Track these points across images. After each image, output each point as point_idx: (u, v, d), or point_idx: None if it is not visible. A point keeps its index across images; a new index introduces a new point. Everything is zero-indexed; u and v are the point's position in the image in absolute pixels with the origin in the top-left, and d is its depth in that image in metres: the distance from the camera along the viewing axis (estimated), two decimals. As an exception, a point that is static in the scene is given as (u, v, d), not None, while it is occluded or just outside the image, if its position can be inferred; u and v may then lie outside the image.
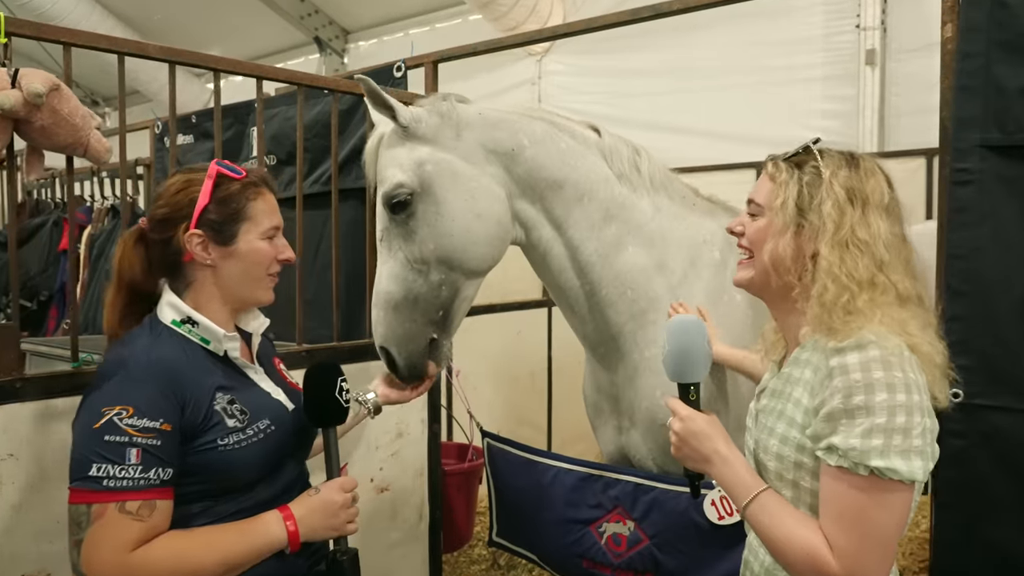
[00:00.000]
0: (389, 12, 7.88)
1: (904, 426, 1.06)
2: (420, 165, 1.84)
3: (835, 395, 1.10)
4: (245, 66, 2.05)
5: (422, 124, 1.86)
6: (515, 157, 1.93)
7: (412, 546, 2.57)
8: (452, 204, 1.85)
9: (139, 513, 1.20)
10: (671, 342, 1.30)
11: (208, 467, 1.29)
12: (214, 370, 1.37)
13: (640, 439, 2.07)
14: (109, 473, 1.19)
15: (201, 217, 1.37)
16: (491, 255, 1.93)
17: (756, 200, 1.30)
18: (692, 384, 1.30)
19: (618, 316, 2.04)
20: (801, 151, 1.27)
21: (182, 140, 3.52)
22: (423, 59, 2.62)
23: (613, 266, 2.00)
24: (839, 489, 1.09)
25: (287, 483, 1.44)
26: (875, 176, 1.23)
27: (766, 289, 1.29)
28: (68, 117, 1.67)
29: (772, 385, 1.31)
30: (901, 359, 1.10)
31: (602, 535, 2.06)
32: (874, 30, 4.98)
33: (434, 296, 1.86)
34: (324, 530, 1.38)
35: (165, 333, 1.36)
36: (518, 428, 4.17)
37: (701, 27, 5.58)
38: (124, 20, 8.58)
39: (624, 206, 2.01)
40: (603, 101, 6.38)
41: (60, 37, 1.71)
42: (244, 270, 1.41)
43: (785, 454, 1.20)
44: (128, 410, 1.21)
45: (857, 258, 1.16)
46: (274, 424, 1.40)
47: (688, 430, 1.25)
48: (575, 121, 2.07)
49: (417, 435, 2.54)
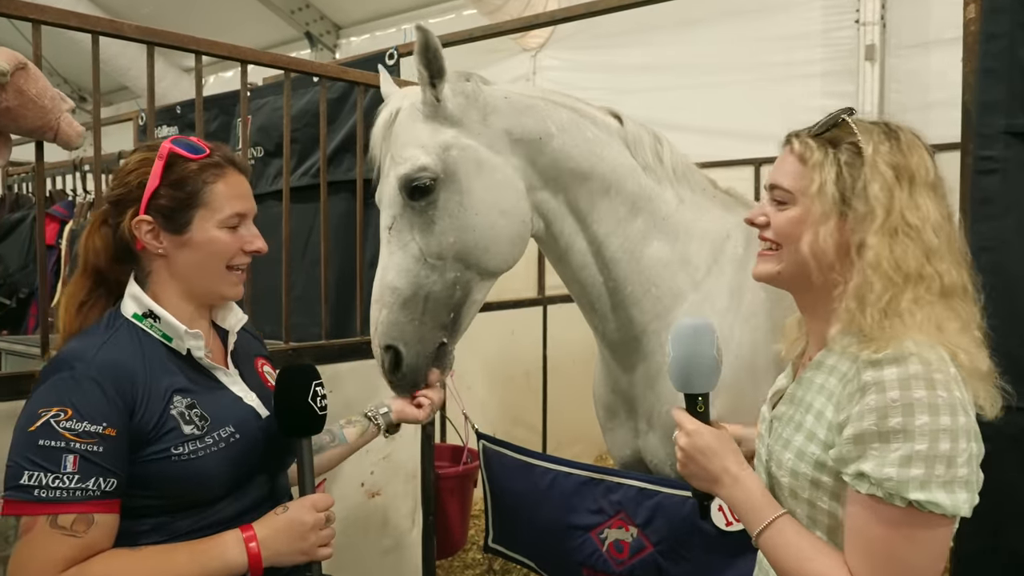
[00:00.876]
0: (381, 7, 7.78)
1: (948, 453, 0.93)
2: (446, 149, 1.68)
3: (867, 414, 0.96)
4: (226, 47, 1.94)
5: (448, 103, 1.71)
6: (541, 147, 1.79)
7: (404, 553, 2.47)
8: (477, 196, 1.70)
9: (73, 528, 1.07)
10: (676, 348, 1.19)
11: (160, 479, 1.16)
12: (174, 371, 1.23)
13: (659, 443, 1.97)
14: (41, 482, 1.06)
15: (151, 202, 1.22)
16: (512, 255, 1.79)
17: (782, 185, 1.13)
18: (700, 395, 1.18)
19: (643, 315, 1.91)
20: (833, 125, 1.11)
21: (167, 131, 3.41)
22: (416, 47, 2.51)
23: (639, 262, 1.88)
24: (869, 521, 0.97)
25: (255, 500, 1.29)
26: (918, 149, 1.07)
27: (802, 285, 1.14)
28: (36, 98, 1.55)
29: (790, 391, 1.19)
30: (946, 376, 0.97)
31: (603, 542, 1.97)
32: (874, 25, 4.92)
33: (447, 296, 1.71)
34: (291, 554, 1.22)
35: (124, 328, 1.22)
36: (512, 428, 4.09)
37: (699, 22, 5.52)
38: (112, 14, 8.43)
39: (651, 198, 1.89)
40: (599, 97, 6.19)
41: (28, 14, 1.60)
42: (200, 262, 1.26)
43: (801, 471, 1.07)
44: (66, 412, 1.09)
45: (907, 247, 1.02)
46: (239, 432, 1.25)
47: (695, 446, 1.13)
48: (595, 107, 1.94)
49: (409, 437, 2.45)
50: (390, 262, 1.70)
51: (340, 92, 2.62)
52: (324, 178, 2.36)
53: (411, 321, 1.68)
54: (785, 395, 1.20)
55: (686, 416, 1.18)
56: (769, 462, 1.16)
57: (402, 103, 1.75)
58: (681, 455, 1.16)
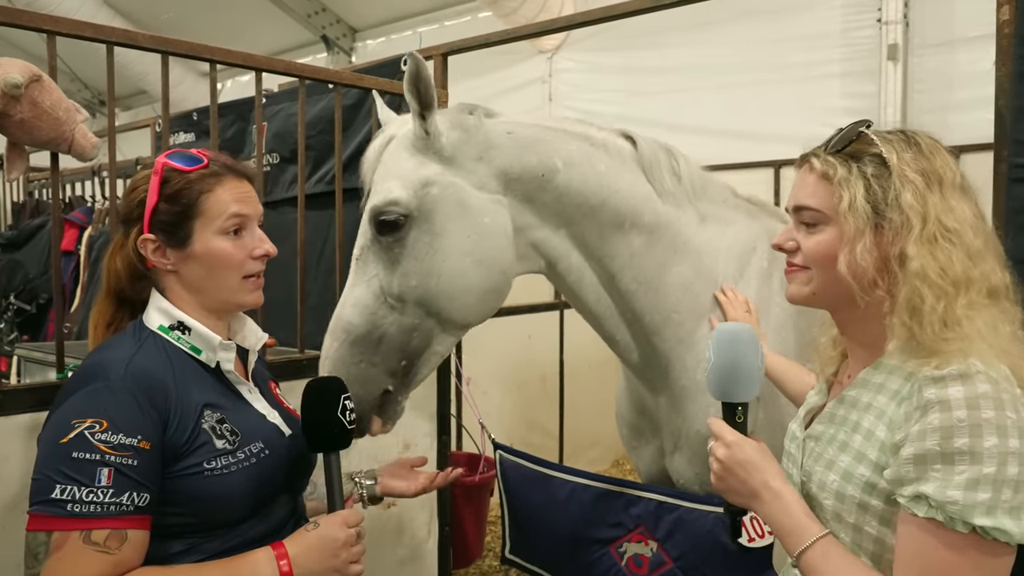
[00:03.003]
0: (397, 10, 7.78)
1: (1017, 478, 0.89)
2: (425, 185, 1.59)
3: (930, 434, 0.92)
4: (240, 56, 1.93)
5: (442, 137, 1.61)
6: (544, 184, 1.69)
7: (420, 563, 2.45)
8: (451, 240, 1.59)
9: (106, 544, 1.04)
10: (718, 355, 1.13)
11: (192, 495, 1.14)
12: (203, 384, 1.21)
13: (686, 464, 1.92)
14: (74, 496, 1.03)
15: (153, 218, 1.21)
16: (480, 310, 1.67)
17: (809, 205, 1.09)
18: (740, 404, 1.13)
19: (664, 343, 1.84)
20: (852, 139, 1.08)
21: (184, 138, 3.42)
22: (432, 51, 2.50)
23: (658, 291, 1.80)
24: (927, 546, 0.92)
25: (280, 520, 1.28)
26: (940, 153, 1.05)
27: (841, 305, 1.10)
28: (50, 110, 1.55)
29: (829, 409, 1.14)
30: (1013, 396, 0.93)
31: (623, 556, 1.93)
32: (896, 24, 4.83)
33: (403, 341, 1.61)
34: (323, 572, 1.19)
35: (150, 340, 1.20)
36: (528, 434, 4.07)
37: (716, 23, 5.46)
38: (132, 20, 8.51)
39: (669, 224, 1.81)
40: (615, 100, 6.26)
41: (42, 25, 1.59)
42: (208, 274, 1.24)
43: (848, 493, 1.03)
44: (101, 424, 1.06)
45: (950, 252, 0.99)
46: (268, 449, 1.24)
47: (734, 458, 1.08)
48: (608, 130, 1.87)
49: (425, 447, 2.43)
50: (350, 295, 1.63)
51: (355, 99, 2.60)
52: (340, 185, 2.34)
53: (358, 362, 1.59)
54: (823, 414, 1.15)
55: (725, 427, 1.13)
56: (808, 483, 1.11)
57: (398, 131, 1.68)
58: (718, 467, 1.11)
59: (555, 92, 6.72)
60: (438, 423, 2.45)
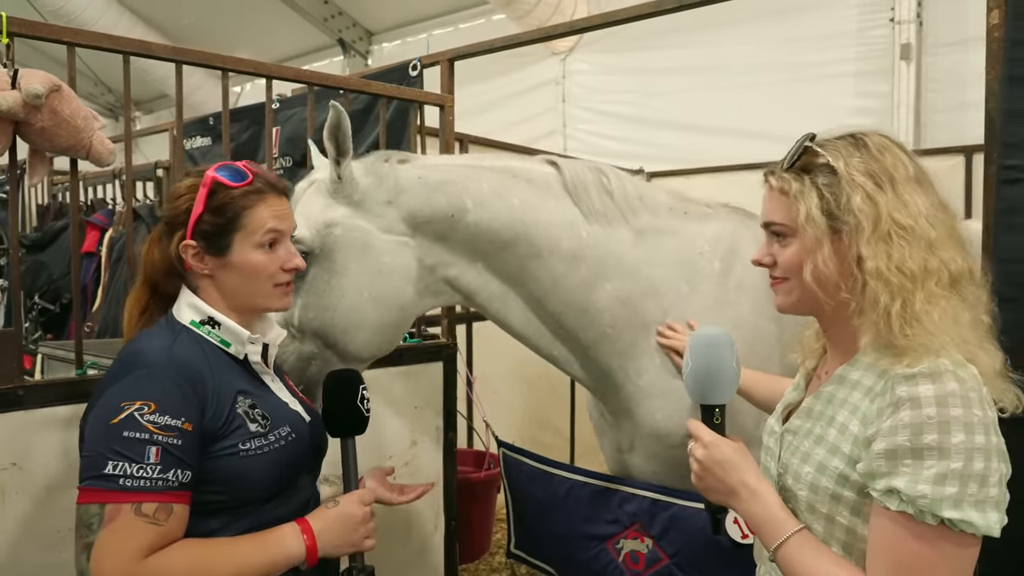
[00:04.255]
0: (412, 13, 7.86)
1: (982, 473, 0.93)
2: (328, 226, 1.69)
3: (901, 430, 0.95)
4: (251, 64, 2.00)
5: (352, 184, 1.72)
6: (455, 224, 1.77)
7: (427, 557, 2.50)
8: (349, 279, 1.68)
9: (156, 516, 1.13)
10: (694, 360, 1.19)
11: (228, 473, 1.22)
12: (234, 373, 1.31)
13: (642, 463, 1.98)
14: (126, 472, 1.12)
15: (196, 227, 1.30)
16: (376, 344, 1.76)
17: (775, 220, 1.14)
18: (717, 406, 1.18)
19: (603, 356, 1.90)
20: (801, 153, 1.12)
21: (200, 142, 3.51)
22: (438, 57, 2.55)
23: (587, 311, 1.85)
24: (898, 537, 0.96)
25: (301, 501, 1.36)
26: (889, 150, 1.08)
27: (819, 310, 1.15)
28: (69, 119, 1.63)
29: (807, 404, 1.17)
30: (980, 395, 0.97)
31: (619, 552, 1.97)
32: (909, 23, 4.81)
33: (301, 368, 1.71)
34: (343, 546, 1.31)
35: (184, 333, 1.29)
36: (540, 433, 4.10)
37: (729, 23, 5.46)
38: (154, 26, 8.69)
39: (595, 246, 1.85)
40: (629, 101, 6.27)
41: (63, 37, 1.67)
42: (242, 281, 1.33)
43: (822, 484, 1.06)
44: (150, 406, 1.14)
45: (904, 248, 1.02)
46: (295, 432, 1.34)
47: (712, 458, 1.13)
48: (533, 161, 1.92)
49: (432, 444, 2.48)
50: None
51: (365, 103, 2.67)
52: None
53: None
54: (800, 408, 1.19)
55: (703, 428, 1.17)
56: (784, 476, 1.15)
57: (320, 175, 1.78)
58: (698, 467, 1.15)
59: (568, 94, 6.75)
60: (444, 420, 2.50)
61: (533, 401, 4.18)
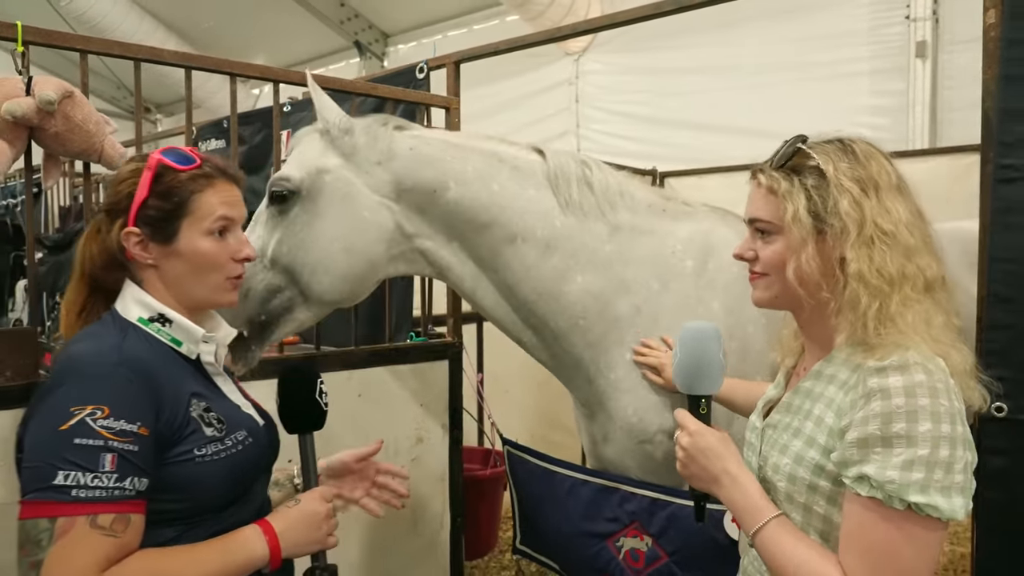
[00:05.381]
0: (427, 15, 7.92)
1: (947, 460, 0.97)
2: (319, 173, 1.78)
3: (872, 419, 1.00)
4: (259, 68, 2.05)
5: (347, 138, 1.81)
6: (435, 199, 1.85)
7: (434, 553, 2.53)
8: (327, 224, 1.77)
9: (113, 528, 1.05)
10: (683, 351, 1.22)
11: (183, 481, 1.15)
12: (186, 374, 1.23)
13: (617, 455, 2.00)
14: (79, 481, 1.03)
15: (140, 212, 1.22)
16: (339, 290, 1.82)
17: (761, 217, 1.18)
18: (703, 396, 1.22)
19: (573, 347, 1.94)
20: (792, 154, 1.16)
21: (215, 144, 3.57)
22: (445, 59, 2.59)
23: (559, 299, 1.89)
24: (868, 522, 1.00)
25: (257, 506, 1.31)
26: (875, 158, 1.13)
27: (797, 307, 1.19)
28: (81, 124, 1.68)
29: (786, 399, 1.21)
30: (947, 386, 1.01)
31: (620, 550, 1.98)
32: (925, 21, 4.77)
33: (263, 299, 1.78)
34: (307, 544, 1.25)
35: (132, 331, 1.20)
36: (551, 432, 4.12)
37: (743, 22, 5.45)
38: (175, 30, 8.83)
39: (569, 237, 1.88)
40: (642, 101, 6.28)
41: (75, 44, 1.72)
42: (190, 272, 1.25)
43: (799, 475, 1.10)
44: (103, 409, 1.06)
45: (885, 253, 1.07)
46: (251, 436, 1.27)
47: (697, 446, 1.16)
48: (520, 147, 1.97)
49: (437, 441, 2.51)
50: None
51: (374, 106, 2.70)
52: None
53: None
54: (780, 404, 1.23)
55: (688, 417, 1.21)
56: (764, 468, 1.19)
57: (322, 126, 1.85)
58: (682, 455, 1.19)
59: (582, 94, 6.77)
60: (450, 418, 2.53)
61: (544, 401, 4.20)
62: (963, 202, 2.22)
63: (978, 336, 1.53)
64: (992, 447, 1.50)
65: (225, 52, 1.94)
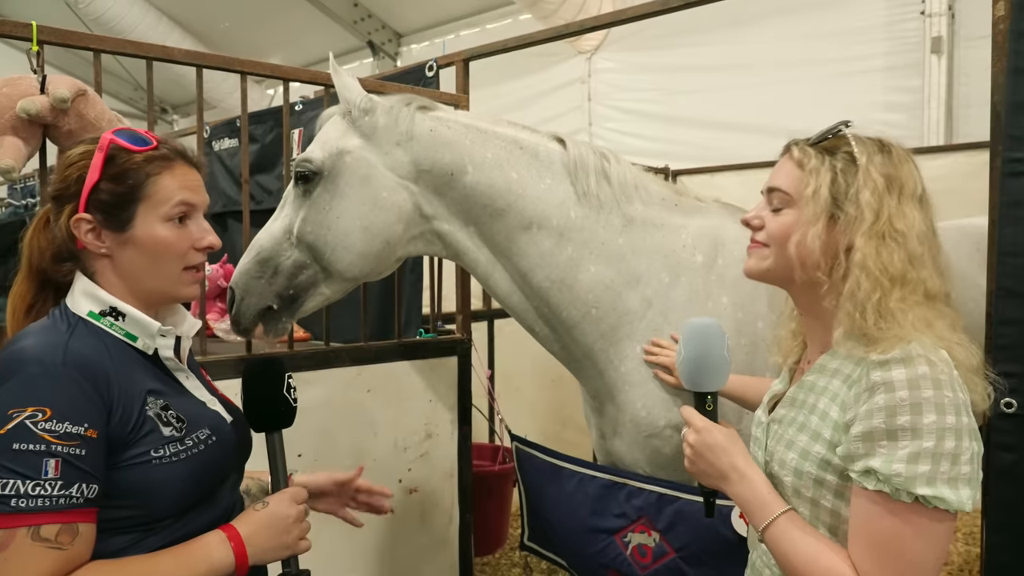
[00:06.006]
0: (440, 14, 7.94)
1: (953, 451, 0.97)
2: (340, 154, 1.83)
3: (876, 413, 1.00)
4: (268, 67, 2.07)
5: (368, 118, 1.85)
6: (452, 182, 1.88)
7: (443, 549, 2.55)
8: (347, 204, 1.82)
9: (58, 540, 0.97)
10: (687, 347, 1.22)
11: (138, 485, 1.06)
12: (142, 371, 1.13)
13: (626, 449, 2.00)
14: (19, 490, 0.95)
15: (91, 197, 1.12)
16: (359, 267, 1.87)
17: (781, 188, 1.18)
18: (709, 393, 1.21)
19: (584, 337, 1.95)
20: (831, 135, 1.17)
21: (228, 144, 3.61)
22: (453, 57, 2.60)
23: (572, 289, 1.91)
24: (875, 516, 1.00)
25: (226, 508, 1.22)
26: (908, 163, 1.14)
27: (788, 282, 1.20)
28: (94, 121, 1.71)
29: (790, 394, 1.21)
30: (951, 377, 1.01)
31: (627, 545, 1.99)
32: (940, 16, 4.72)
33: (291, 274, 1.86)
34: (275, 549, 1.16)
35: (81, 326, 1.11)
36: (562, 431, 4.12)
37: (755, 20, 5.42)
38: (192, 32, 8.91)
39: (583, 228, 1.90)
40: (655, 99, 6.26)
41: (89, 44, 1.75)
42: (147, 261, 1.15)
43: (805, 469, 1.10)
44: (45, 411, 0.98)
45: (893, 251, 1.07)
46: (215, 435, 1.18)
47: (704, 443, 1.16)
48: (541, 135, 1.98)
49: (447, 436, 2.52)
50: (270, 225, 1.89)
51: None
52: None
53: (258, 277, 1.85)
54: (784, 399, 1.23)
55: (695, 414, 1.21)
56: (770, 463, 1.18)
57: (343, 107, 1.89)
58: (690, 451, 1.19)
59: (594, 92, 6.76)
60: (459, 414, 2.54)
61: (556, 399, 4.21)
62: (979, 198, 2.20)
63: (987, 331, 1.51)
64: (1002, 443, 1.48)
65: (241, 53, 1.97)
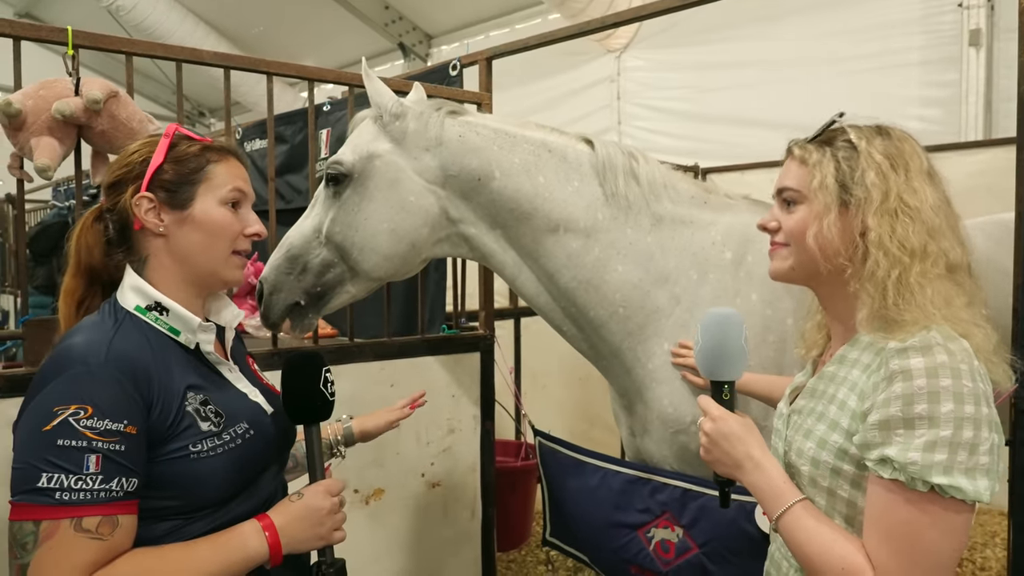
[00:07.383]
0: (469, 16, 7.98)
1: (971, 441, 0.96)
2: (370, 157, 1.87)
3: (894, 401, 0.99)
4: (294, 68, 2.11)
5: (398, 123, 1.88)
6: (479, 187, 1.91)
7: (465, 543, 2.57)
8: (375, 207, 1.86)
9: (99, 531, 1.02)
10: (705, 337, 1.22)
11: (179, 478, 1.11)
12: (183, 366, 1.18)
13: (655, 446, 2.00)
14: (63, 484, 1.00)
15: (154, 178, 1.20)
16: (385, 268, 1.92)
17: (790, 186, 1.19)
18: (726, 382, 1.21)
19: (612, 336, 1.96)
20: (827, 129, 1.19)
21: (259, 144, 3.69)
22: (476, 56, 2.62)
23: (599, 289, 1.92)
24: (891, 505, 0.99)
25: (266, 497, 1.26)
26: (909, 142, 1.14)
27: (814, 277, 1.20)
28: (126, 122, 1.77)
29: (811, 385, 1.21)
30: (970, 367, 1.00)
31: (650, 541, 1.98)
32: (979, 8, 4.59)
33: (319, 272, 1.91)
34: (309, 540, 1.20)
35: (127, 321, 1.16)
36: (590, 429, 4.12)
37: (786, 15, 5.34)
38: (227, 36, 9.11)
39: (610, 228, 1.92)
40: (685, 96, 6.21)
41: (121, 47, 1.81)
42: (202, 240, 1.22)
43: (823, 459, 1.10)
44: (86, 409, 1.02)
45: (908, 225, 1.07)
46: (253, 428, 1.22)
47: (720, 432, 1.16)
48: (570, 137, 2.00)
49: (469, 431, 2.54)
50: (302, 223, 1.95)
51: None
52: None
53: (287, 273, 1.91)
54: (805, 389, 1.23)
55: (712, 403, 1.21)
56: (788, 453, 1.19)
57: (375, 112, 1.94)
58: (706, 440, 1.19)
59: (623, 90, 6.73)
60: (482, 409, 2.56)
61: (584, 397, 4.20)
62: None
63: (1013, 327, 1.48)
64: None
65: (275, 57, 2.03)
